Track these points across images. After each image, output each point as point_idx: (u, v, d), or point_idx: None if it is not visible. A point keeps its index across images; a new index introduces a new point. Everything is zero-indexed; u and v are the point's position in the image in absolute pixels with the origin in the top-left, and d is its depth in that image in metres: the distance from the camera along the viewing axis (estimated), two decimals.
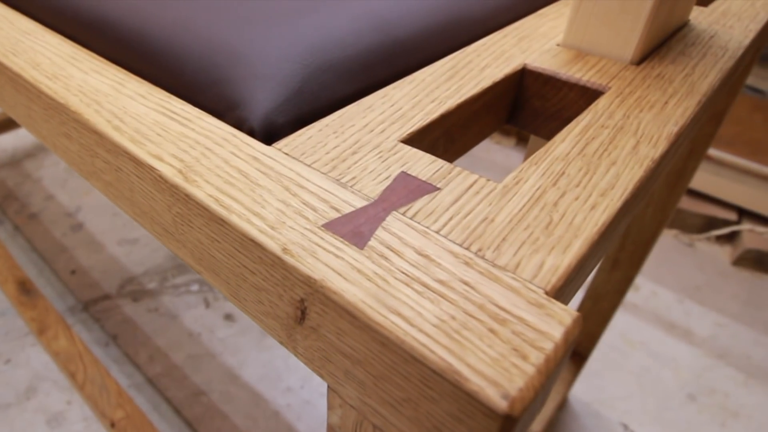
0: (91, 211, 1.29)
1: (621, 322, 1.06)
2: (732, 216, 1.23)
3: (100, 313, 1.04)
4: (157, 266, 1.15)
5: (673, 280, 1.17)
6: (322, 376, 0.18)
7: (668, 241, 1.27)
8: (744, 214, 1.25)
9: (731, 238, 1.25)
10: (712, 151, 1.19)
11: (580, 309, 0.81)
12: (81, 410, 0.88)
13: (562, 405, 0.92)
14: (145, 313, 1.05)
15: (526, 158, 0.60)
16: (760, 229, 1.19)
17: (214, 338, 1.00)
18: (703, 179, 1.24)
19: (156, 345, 0.99)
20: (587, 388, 0.95)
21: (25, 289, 0.93)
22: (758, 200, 1.19)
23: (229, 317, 1.04)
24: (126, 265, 1.15)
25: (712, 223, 1.24)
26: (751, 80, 1.23)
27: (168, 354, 0.97)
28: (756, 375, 0.98)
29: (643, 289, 1.14)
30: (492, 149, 1.62)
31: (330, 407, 0.19)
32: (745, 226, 1.21)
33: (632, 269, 0.72)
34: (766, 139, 1.22)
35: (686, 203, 1.26)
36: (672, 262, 1.21)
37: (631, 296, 1.12)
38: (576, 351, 0.87)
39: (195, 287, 1.10)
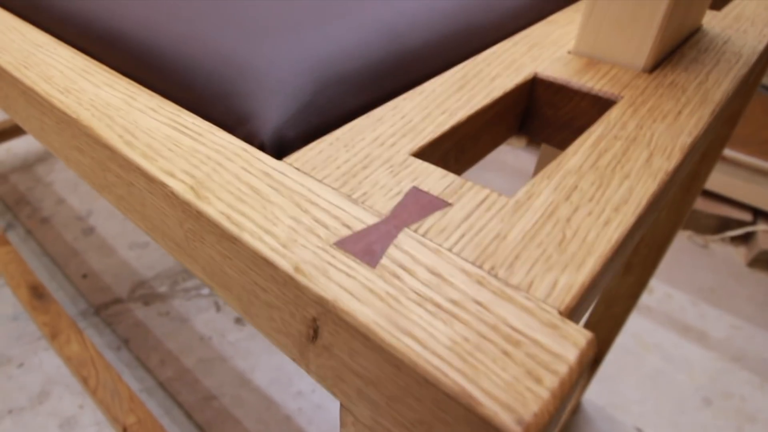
0: (103, 215, 1.30)
1: (635, 325, 1.06)
2: (747, 217, 1.21)
3: (112, 317, 1.05)
4: (168, 270, 1.16)
5: (687, 281, 1.16)
6: (334, 394, 0.18)
7: (682, 242, 1.25)
8: (759, 214, 1.24)
9: (746, 239, 1.24)
10: (727, 152, 1.18)
11: (592, 313, 0.81)
12: (93, 414, 0.88)
13: (576, 409, 0.91)
14: (156, 316, 1.05)
15: (538, 162, 0.60)
16: None
17: (225, 342, 1.01)
18: (717, 180, 1.22)
19: (167, 349, 0.99)
20: (601, 392, 0.94)
21: (37, 293, 0.93)
22: None
23: (239, 321, 1.05)
24: (137, 268, 1.16)
25: (726, 223, 1.23)
26: (765, 79, 1.21)
27: (179, 358, 0.98)
28: None
29: (657, 291, 1.13)
30: (502, 150, 1.61)
31: (342, 425, 0.19)
32: (760, 227, 1.19)
33: (646, 273, 0.71)
34: None
35: (700, 204, 1.24)
36: (686, 264, 1.20)
37: (645, 298, 1.11)
38: None
39: (206, 291, 1.11)
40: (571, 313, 0.16)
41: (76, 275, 1.14)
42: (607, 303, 0.78)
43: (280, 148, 0.23)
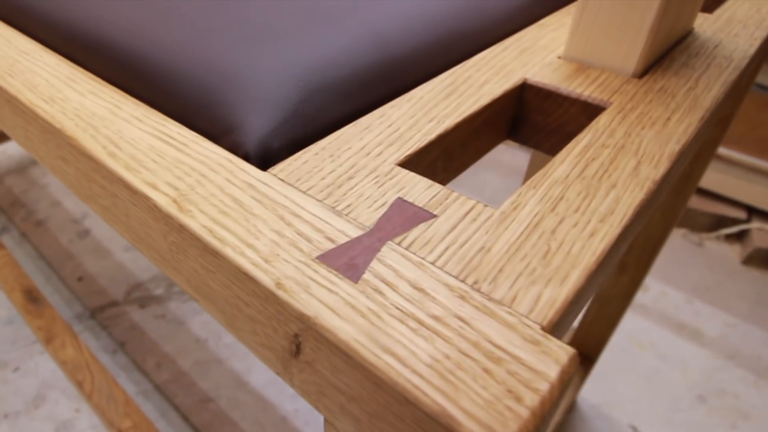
0: (98, 218, 1.30)
1: (630, 324, 1.06)
2: (741, 214, 1.22)
3: (108, 320, 1.05)
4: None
5: (682, 280, 1.16)
6: (318, 409, 0.18)
7: (677, 240, 1.26)
8: (753, 212, 1.24)
9: (741, 237, 1.24)
10: (721, 150, 1.18)
11: (587, 312, 0.81)
12: (89, 418, 0.88)
13: (571, 408, 0.91)
14: (152, 319, 1.05)
15: (529, 165, 0.60)
16: None
17: (221, 344, 1.01)
18: (711, 178, 1.22)
19: (163, 351, 0.99)
20: (596, 391, 0.94)
21: (32, 297, 0.93)
22: None
23: None
24: (133, 271, 1.16)
25: (721, 221, 1.23)
26: (760, 78, 1.22)
27: (175, 360, 0.98)
28: (767, 375, 0.97)
29: (652, 289, 1.13)
30: (499, 149, 1.61)
31: None
32: (755, 225, 1.19)
33: (640, 273, 0.71)
34: None
35: (695, 202, 1.24)
36: (681, 262, 1.20)
37: (640, 297, 1.11)
38: (585, 354, 0.87)
39: None
40: (554, 328, 0.16)
41: (71, 278, 1.13)
42: (601, 302, 0.78)
43: (265, 159, 0.23)
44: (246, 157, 0.23)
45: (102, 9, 0.32)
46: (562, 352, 0.14)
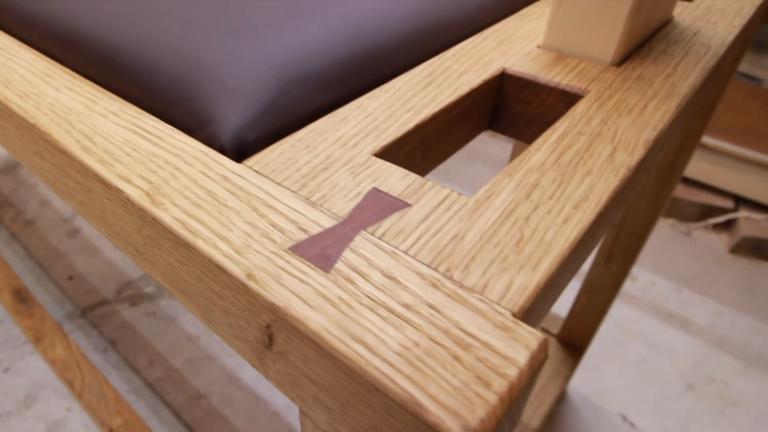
0: None
1: (619, 313, 1.06)
2: (728, 204, 1.22)
3: (99, 318, 1.04)
4: None
5: (670, 269, 1.16)
6: (293, 400, 0.18)
7: (665, 230, 1.26)
8: (740, 201, 1.25)
9: (728, 226, 1.25)
10: (707, 139, 1.19)
11: (575, 302, 0.81)
12: (81, 417, 0.88)
13: (561, 398, 0.92)
14: (143, 317, 1.05)
15: (511, 155, 0.60)
16: (756, 216, 1.19)
17: (212, 341, 1.00)
18: (698, 167, 1.23)
19: (155, 349, 0.99)
20: (586, 380, 0.95)
21: (21, 297, 0.93)
22: (754, 187, 1.18)
23: None
24: (123, 269, 1.15)
25: (708, 211, 1.24)
26: (745, 67, 1.22)
27: (167, 358, 0.97)
28: (755, 363, 0.98)
29: (641, 279, 1.14)
30: (488, 142, 1.61)
31: (303, 429, 0.19)
32: (742, 214, 1.20)
33: (627, 262, 0.72)
34: (762, 126, 1.21)
35: (682, 192, 1.25)
36: (669, 252, 1.21)
37: (628, 287, 1.12)
38: (574, 344, 0.87)
39: None
40: (526, 315, 0.16)
41: (61, 278, 1.13)
42: (589, 292, 0.78)
43: (240, 151, 0.22)
44: (221, 150, 0.22)
45: (78, 4, 0.31)
46: (532, 337, 0.15)
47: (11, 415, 0.88)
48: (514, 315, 0.15)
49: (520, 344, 0.14)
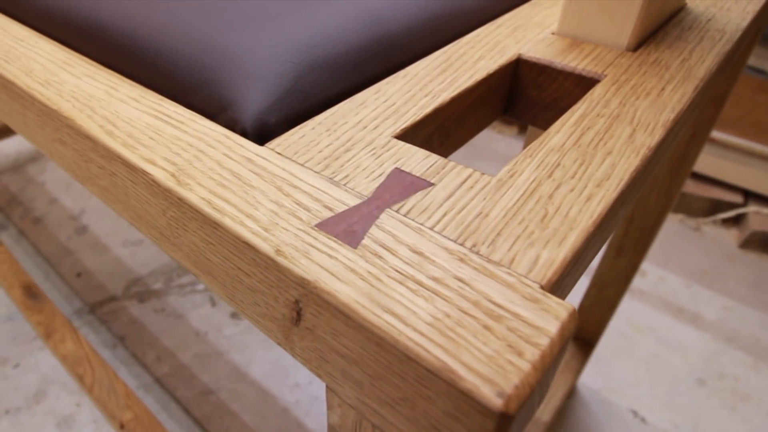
0: (95, 214, 1.30)
1: (628, 309, 1.06)
2: (738, 198, 1.22)
3: (107, 315, 1.05)
4: (163, 266, 1.15)
5: (680, 264, 1.16)
6: (320, 376, 0.18)
7: (674, 225, 1.26)
8: (750, 196, 1.24)
9: (738, 220, 1.24)
10: (717, 134, 1.18)
11: (585, 297, 0.81)
12: (91, 412, 0.88)
13: (571, 393, 0.92)
14: (151, 313, 1.05)
15: (524, 145, 0.60)
16: (766, 210, 1.19)
17: (221, 336, 1.01)
18: (707, 162, 1.23)
19: (163, 345, 0.99)
20: (596, 376, 0.94)
21: (31, 293, 0.93)
22: (764, 182, 1.18)
23: (235, 315, 1.05)
24: (131, 266, 1.15)
25: (717, 206, 1.23)
26: (754, 61, 1.22)
27: (175, 354, 0.98)
28: (765, 357, 0.98)
29: (650, 274, 1.14)
30: (494, 138, 1.61)
31: (329, 407, 0.19)
32: (752, 209, 1.20)
33: (637, 256, 0.71)
34: None
35: (691, 187, 1.25)
36: (678, 247, 1.20)
37: (638, 282, 1.12)
38: (584, 339, 0.87)
39: (201, 286, 1.11)
40: (554, 288, 0.16)
41: (70, 274, 1.13)
42: (599, 286, 0.78)
43: (262, 134, 0.23)
44: (243, 133, 0.23)
45: None
46: (561, 308, 0.15)
47: (21, 410, 0.89)
48: (542, 287, 0.15)
49: (550, 315, 0.14)
